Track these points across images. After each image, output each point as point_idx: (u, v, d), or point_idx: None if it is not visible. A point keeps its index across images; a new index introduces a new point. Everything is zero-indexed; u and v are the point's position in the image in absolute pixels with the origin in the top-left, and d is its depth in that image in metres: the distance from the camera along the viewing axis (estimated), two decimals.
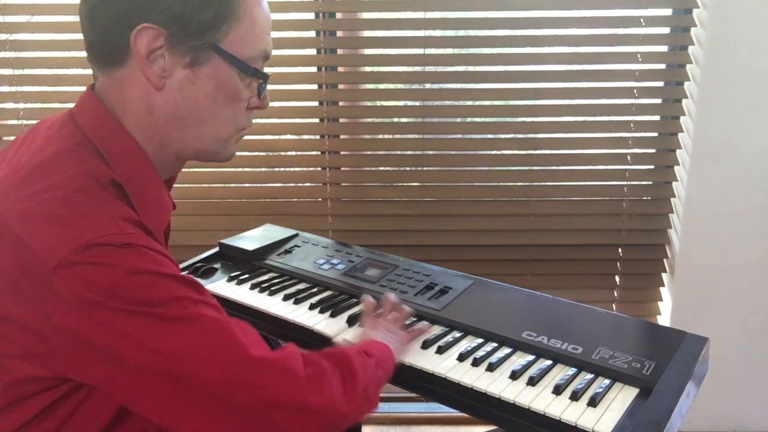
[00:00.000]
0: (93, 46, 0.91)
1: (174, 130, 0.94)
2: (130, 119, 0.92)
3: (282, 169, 2.23)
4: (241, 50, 0.92)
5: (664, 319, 2.19)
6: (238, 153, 2.23)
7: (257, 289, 1.42)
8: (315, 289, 1.42)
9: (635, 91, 2.05)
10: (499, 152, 2.15)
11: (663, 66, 2.07)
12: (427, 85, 2.11)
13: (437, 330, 1.25)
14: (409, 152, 2.17)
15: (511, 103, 2.11)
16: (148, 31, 0.86)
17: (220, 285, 1.46)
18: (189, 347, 0.81)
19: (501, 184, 2.15)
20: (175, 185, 2.21)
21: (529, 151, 2.12)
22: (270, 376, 0.87)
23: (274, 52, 2.19)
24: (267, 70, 0.98)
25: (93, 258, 0.77)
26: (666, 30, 2.05)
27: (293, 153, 2.19)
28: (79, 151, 0.88)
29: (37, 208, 0.81)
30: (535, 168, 2.12)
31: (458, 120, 2.18)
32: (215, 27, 0.89)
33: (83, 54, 2.13)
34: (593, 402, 1.01)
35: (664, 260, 2.18)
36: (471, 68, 2.08)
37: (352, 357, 1.00)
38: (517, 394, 1.04)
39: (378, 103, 2.20)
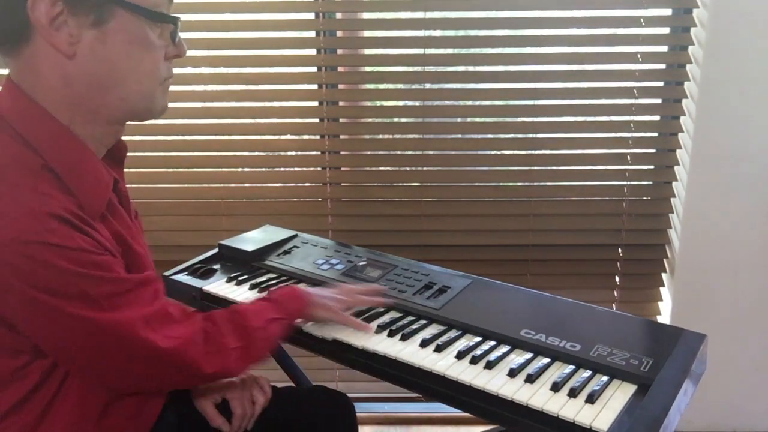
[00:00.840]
0: (1, 27, 0.87)
1: (97, 96, 0.91)
2: (50, 98, 0.90)
3: (282, 169, 2.23)
4: None
5: (664, 319, 2.19)
6: (237, 153, 2.25)
7: (256, 290, 1.42)
8: None
9: (635, 91, 2.05)
10: (499, 152, 2.15)
11: (663, 66, 2.07)
12: (427, 85, 2.11)
13: (435, 329, 1.25)
14: (409, 152, 2.17)
15: (511, 103, 2.12)
16: None
17: (219, 285, 1.46)
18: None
19: (501, 184, 2.15)
20: (174, 185, 2.21)
21: (529, 151, 2.12)
22: (167, 369, 0.97)
23: (274, 52, 2.20)
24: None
25: (11, 258, 0.80)
26: (666, 30, 2.05)
27: (293, 153, 2.20)
28: (3, 138, 0.88)
29: None
30: (535, 168, 2.12)
31: (458, 120, 2.18)
32: None
33: None
34: (591, 399, 1.01)
35: (664, 260, 2.18)
36: (471, 68, 2.09)
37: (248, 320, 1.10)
38: (516, 391, 1.04)
39: (378, 103, 2.21)
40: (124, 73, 0.92)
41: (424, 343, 1.19)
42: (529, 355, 1.14)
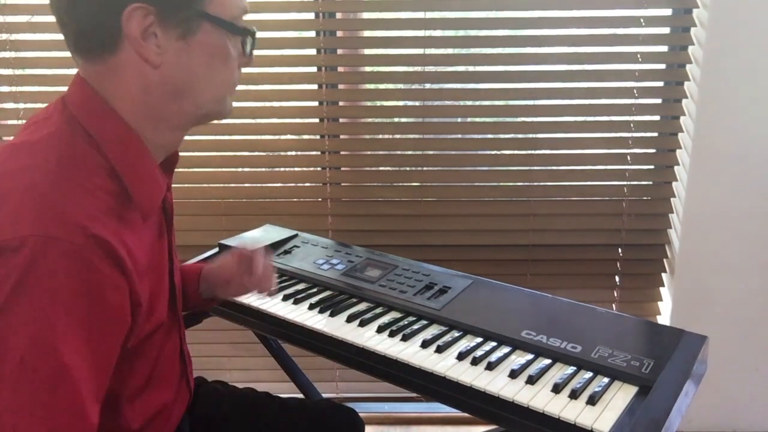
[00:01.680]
0: (80, 39, 0.90)
1: (174, 103, 0.94)
2: (124, 104, 0.92)
3: (282, 169, 2.23)
4: (225, 11, 0.93)
5: (664, 319, 2.19)
6: (237, 153, 2.24)
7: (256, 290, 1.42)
8: (314, 289, 1.42)
9: (635, 91, 2.05)
10: (499, 152, 2.15)
11: (663, 66, 2.07)
12: (427, 85, 2.11)
13: (436, 329, 1.25)
14: (409, 152, 2.17)
15: (511, 103, 2.12)
16: (137, 11, 0.86)
17: None
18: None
19: (501, 184, 2.15)
20: (174, 185, 2.22)
21: (529, 151, 2.12)
22: None
23: (274, 52, 2.21)
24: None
25: (29, 252, 0.76)
26: (666, 30, 2.05)
27: (293, 153, 2.20)
28: (66, 134, 0.89)
29: (4, 185, 0.82)
30: (535, 168, 2.12)
31: (458, 120, 2.18)
32: None
33: None
34: (592, 400, 1.01)
35: (664, 260, 2.18)
36: (471, 68, 2.09)
37: None
38: (516, 392, 1.04)
39: (378, 103, 2.20)
40: (202, 82, 0.94)
41: (425, 344, 1.19)
42: (530, 357, 1.14)
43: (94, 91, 0.91)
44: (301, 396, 1.65)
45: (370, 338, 1.22)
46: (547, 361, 1.13)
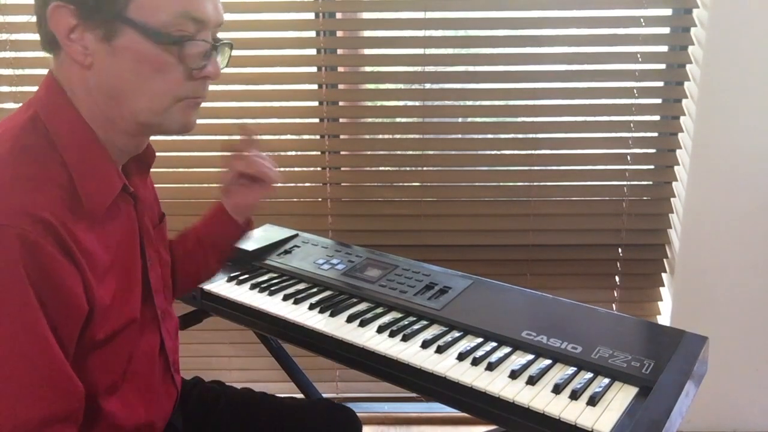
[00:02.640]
0: (39, 34, 0.93)
1: (113, 107, 0.93)
2: (79, 100, 0.93)
3: (282, 169, 2.22)
4: (152, 17, 0.88)
5: (664, 319, 2.19)
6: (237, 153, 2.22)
7: (257, 289, 1.42)
8: (315, 289, 1.42)
9: (635, 91, 2.05)
10: (499, 152, 2.15)
11: (663, 66, 2.07)
12: (427, 85, 2.11)
13: (437, 329, 1.26)
14: (410, 152, 2.17)
15: (511, 103, 2.11)
16: (59, 10, 0.86)
17: (219, 285, 1.46)
18: None
19: (501, 184, 2.15)
20: (175, 185, 2.21)
21: (529, 151, 2.12)
22: None
23: (274, 53, 2.20)
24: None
25: None
26: (666, 30, 2.05)
27: (293, 153, 2.20)
28: (26, 127, 0.90)
29: None
30: (535, 168, 2.12)
31: (458, 120, 2.18)
32: None
33: None
34: (592, 401, 1.01)
35: (664, 260, 2.18)
36: (471, 68, 2.08)
37: None
38: (517, 393, 1.04)
39: (378, 103, 2.20)
40: (133, 89, 0.92)
41: (425, 344, 1.19)
42: (530, 357, 1.14)
43: (59, 87, 0.93)
44: (300, 396, 1.65)
45: (370, 338, 1.22)
46: (548, 362, 1.13)
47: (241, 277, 1.47)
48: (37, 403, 0.81)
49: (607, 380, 1.07)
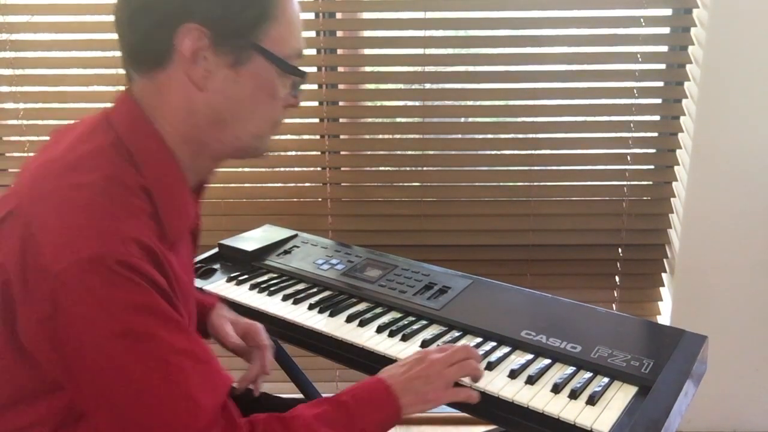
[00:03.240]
0: (133, 49, 0.91)
1: (215, 130, 0.94)
2: (168, 122, 0.92)
3: (282, 169, 2.23)
4: (280, 49, 0.93)
5: (664, 319, 2.19)
6: None
7: (256, 290, 1.42)
8: (314, 289, 1.42)
9: (635, 91, 2.05)
10: (499, 152, 2.15)
11: (663, 66, 2.07)
12: (427, 85, 2.11)
13: (436, 329, 1.26)
14: (410, 152, 2.17)
15: (511, 103, 2.12)
16: (192, 31, 0.87)
17: (219, 285, 1.46)
18: (140, 391, 0.81)
19: (501, 184, 2.15)
20: None
21: (529, 151, 2.12)
22: None
23: None
24: None
25: (90, 275, 0.77)
26: (666, 30, 2.05)
27: (293, 153, 2.20)
28: (110, 152, 0.89)
29: (59, 205, 0.82)
30: (535, 168, 2.12)
31: (458, 120, 2.18)
32: (257, 27, 0.90)
33: (83, 54, 2.13)
34: (592, 400, 1.01)
35: (664, 260, 2.18)
36: (471, 68, 2.09)
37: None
38: (516, 392, 1.04)
39: (378, 103, 2.20)
40: (245, 114, 0.94)
41: (425, 344, 1.19)
42: (529, 356, 1.14)
43: (141, 109, 0.92)
44: (300, 396, 1.65)
45: (369, 338, 1.22)
46: (547, 361, 1.13)
47: (240, 278, 1.47)
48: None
49: (606, 379, 1.07)
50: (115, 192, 0.85)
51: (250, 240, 1.62)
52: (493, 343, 1.19)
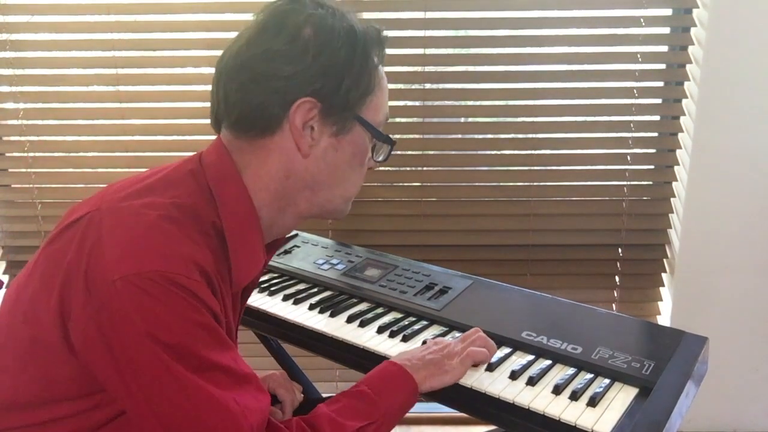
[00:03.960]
0: (243, 118, 0.93)
1: (308, 192, 0.98)
2: (261, 181, 0.95)
3: None
4: (374, 117, 0.98)
5: (664, 319, 2.19)
6: None
7: (257, 290, 1.42)
8: (315, 289, 1.42)
9: (635, 91, 2.05)
10: (499, 152, 2.15)
11: (663, 66, 2.07)
12: (428, 85, 2.11)
13: (437, 330, 1.26)
14: (409, 152, 2.17)
15: (511, 103, 2.11)
16: (306, 104, 0.91)
17: None
18: (187, 416, 0.82)
19: (501, 184, 2.15)
20: None
21: (529, 151, 2.12)
22: None
23: None
24: None
25: (150, 287, 0.79)
26: (666, 30, 2.05)
27: None
28: (192, 185, 0.92)
29: (127, 218, 0.85)
30: (535, 168, 2.12)
31: (458, 120, 2.18)
32: (361, 99, 0.95)
33: (83, 54, 2.12)
34: (593, 402, 1.01)
35: (664, 260, 2.18)
36: (471, 68, 2.08)
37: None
38: (517, 394, 1.04)
39: None
40: (339, 179, 0.99)
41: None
42: (530, 357, 1.14)
43: (232, 160, 0.95)
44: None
45: (370, 339, 1.22)
46: (548, 362, 1.13)
47: None
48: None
49: (607, 381, 1.07)
50: (185, 219, 0.87)
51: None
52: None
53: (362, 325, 1.27)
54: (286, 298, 1.38)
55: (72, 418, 0.87)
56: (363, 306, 1.35)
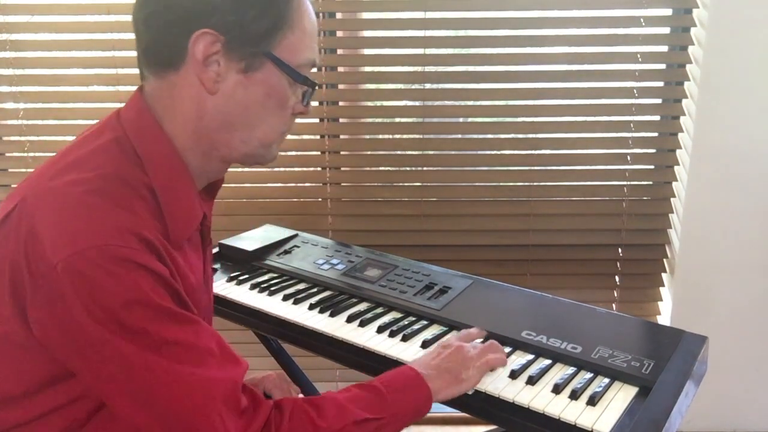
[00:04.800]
0: (148, 49, 0.93)
1: (223, 134, 0.96)
2: (179, 124, 0.94)
3: (282, 169, 2.23)
4: (292, 58, 0.94)
5: (664, 319, 2.19)
6: None
7: (257, 290, 1.42)
8: (314, 289, 1.42)
9: (635, 91, 2.05)
10: (499, 152, 2.15)
11: (663, 66, 2.07)
12: (427, 85, 2.11)
13: (437, 329, 1.26)
14: (410, 152, 2.17)
15: (511, 103, 2.12)
16: (206, 36, 0.88)
17: (219, 285, 1.45)
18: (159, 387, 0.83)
19: (501, 184, 2.15)
20: None
21: (529, 151, 2.12)
22: None
23: None
24: None
25: (88, 267, 0.79)
26: (666, 30, 2.05)
27: (293, 153, 2.20)
28: (114, 150, 0.91)
29: (54, 200, 0.84)
30: (535, 168, 2.12)
31: (458, 120, 2.18)
32: (270, 35, 0.91)
33: (83, 54, 2.13)
34: (592, 401, 1.01)
35: (664, 260, 2.18)
36: (471, 68, 2.08)
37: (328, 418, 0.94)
38: (517, 393, 1.04)
39: (378, 103, 2.20)
40: (254, 120, 0.96)
41: (425, 344, 1.19)
42: (530, 357, 1.14)
43: (150, 109, 0.94)
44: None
45: (370, 338, 1.22)
46: (548, 362, 1.13)
47: (240, 277, 1.47)
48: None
49: (606, 380, 1.07)
50: (113, 189, 0.86)
51: (250, 240, 1.62)
52: None
53: (362, 324, 1.27)
54: (286, 298, 1.38)
55: (55, 414, 0.87)
56: (363, 306, 1.35)
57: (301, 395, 1.33)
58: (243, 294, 1.41)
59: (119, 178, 0.87)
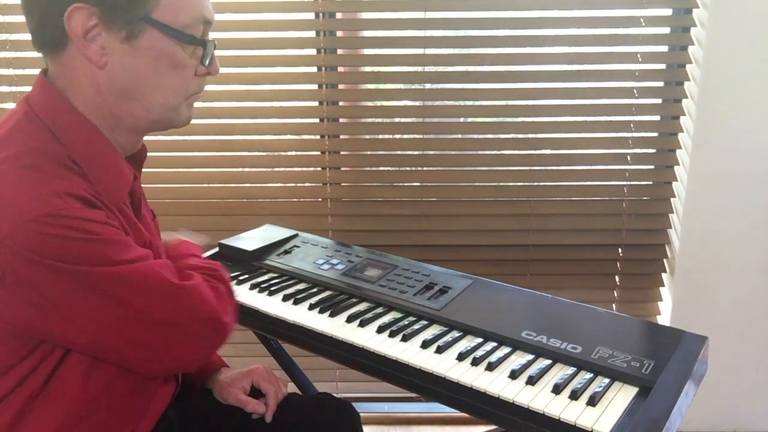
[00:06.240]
0: (34, 34, 0.94)
1: (123, 104, 0.96)
2: (81, 101, 0.95)
3: (282, 169, 2.23)
4: (174, 18, 0.93)
5: (664, 319, 2.19)
6: (237, 153, 2.24)
7: (257, 290, 1.42)
8: (314, 289, 1.42)
9: (635, 91, 2.05)
10: (499, 152, 2.15)
11: (663, 66, 2.07)
12: (428, 85, 2.11)
13: (436, 330, 1.25)
14: (410, 152, 2.17)
15: (512, 103, 2.11)
16: (80, 11, 0.88)
17: None
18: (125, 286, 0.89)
19: (501, 184, 2.15)
20: (174, 185, 2.21)
21: (529, 151, 2.12)
22: (190, 300, 0.96)
23: (274, 53, 2.20)
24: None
25: (37, 235, 0.81)
26: (666, 30, 2.05)
27: (293, 153, 2.20)
28: (30, 128, 0.92)
29: None
30: (535, 168, 2.12)
31: (458, 120, 2.18)
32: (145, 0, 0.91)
33: None
34: (592, 401, 1.01)
35: (664, 260, 2.18)
36: (471, 68, 2.08)
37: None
38: (517, 393, 1.04)
39: (378, 103, 2.20)
40: (150, 87, 0.96)
41: (425, 344, 1.19)
42: (530, 357, 1.14)
43: (54, 87, 0.95)
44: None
45: (370, 338, 1.22)
46: (548, 362, 1.13)
47: (240, 277, 1.47)
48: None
49: (606, 380, 1.07)
50: (40, 162, 0.88)
51: (250, 240, 1.62)
52: (494, 344, 1.19)
53: (362, 324, 1.27)
54: (286, 298, 1.38)
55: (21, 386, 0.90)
56: (363, 306, 1.35)
57: (289, 390, 1.33)
58: (243, 294, 1.41)
59: (42, 151, 0.89)
